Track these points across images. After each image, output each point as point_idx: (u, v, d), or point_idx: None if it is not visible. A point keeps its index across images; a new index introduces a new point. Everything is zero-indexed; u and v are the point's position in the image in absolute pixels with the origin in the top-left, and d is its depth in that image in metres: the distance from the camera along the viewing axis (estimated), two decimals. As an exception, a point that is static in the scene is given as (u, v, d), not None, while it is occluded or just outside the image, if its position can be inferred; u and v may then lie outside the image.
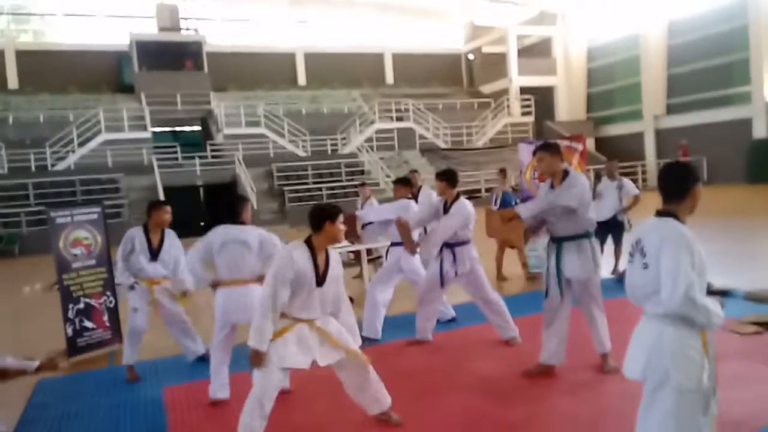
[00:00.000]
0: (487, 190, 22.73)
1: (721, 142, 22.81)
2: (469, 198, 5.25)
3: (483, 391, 4.16)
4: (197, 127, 27.05)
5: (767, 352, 4.47)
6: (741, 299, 5.91)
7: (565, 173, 4.21)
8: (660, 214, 2.52)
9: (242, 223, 4.38)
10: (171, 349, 5.71)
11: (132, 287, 5.02)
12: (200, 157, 22.06)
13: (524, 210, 4.27)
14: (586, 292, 4.23)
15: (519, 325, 5.26)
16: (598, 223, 6.55)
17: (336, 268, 3.48)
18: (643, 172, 25.04)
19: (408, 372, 4.68)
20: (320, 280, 3.37)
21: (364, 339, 5.31)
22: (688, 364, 2.36)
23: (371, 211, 6.10)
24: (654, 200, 2.69)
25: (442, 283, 5.18)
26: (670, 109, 25.97)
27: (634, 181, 17.21)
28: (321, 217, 3.38)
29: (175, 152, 22.77)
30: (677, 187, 2.51)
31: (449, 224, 4.98)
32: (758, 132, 22.08)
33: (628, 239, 7.43)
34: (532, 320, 5.57)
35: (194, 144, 25.36)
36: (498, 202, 7.85)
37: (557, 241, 4.22)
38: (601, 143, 28.20)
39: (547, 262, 4.30)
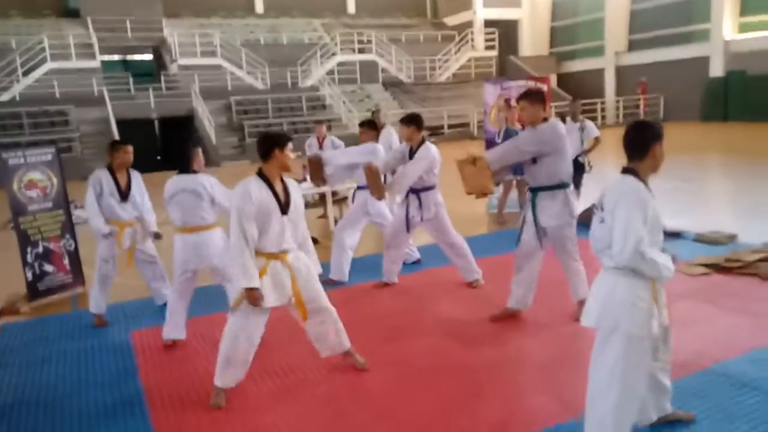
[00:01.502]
0: (450, 126, 22.71)
1: (680, 80, 23.13)
2: (432, 134, 5.23)
3: (448, 333, 4.31)
4: (149, 56, 25.80)
5: (713, 293, 4.74)
6: (691, 241, 6.19)
7: (544, 120, 4.17)
8: (623, 171, 2.61)
9: (194, 171, 4.31)
10: (137, 292, 5.68)
11: (106, 236, 4.85)
12: (154, 89, 21.19)
13: (490, 153, 4.30)
14: (561, 241, 4.28)
15: (483, 267, 5.40)
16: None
17: (296, 195, 3.49)
18: (602, 110, 25.32)
19: (375, 314, 4.80)
20: (284, 207, 3.39)
21: (330, 281, 5.46)
22: (637, 314, 2.51)
23: (338, 153, 6.03)
24: (612, 138, 2.76)
25: (408, 228, 5.26)
26: (632, 46, 26.04)
27: (593, 120, 17.50)
28: (269, 144, 3.35)
29: (127, 83, 21.78)
30: (638, 146, 2.59)
31: (415, 169, 5.00)
32: (715, 71, 22.44)
33: (587, 180, 7.64)
34: (495, 261, 5.75)
35: (147, 74, 24.24)
36: (501, 138, 7.82)
37: (533, 191, 4.27)
38: (563, 79, 28.23)
39: (524, 212, 4.37)
